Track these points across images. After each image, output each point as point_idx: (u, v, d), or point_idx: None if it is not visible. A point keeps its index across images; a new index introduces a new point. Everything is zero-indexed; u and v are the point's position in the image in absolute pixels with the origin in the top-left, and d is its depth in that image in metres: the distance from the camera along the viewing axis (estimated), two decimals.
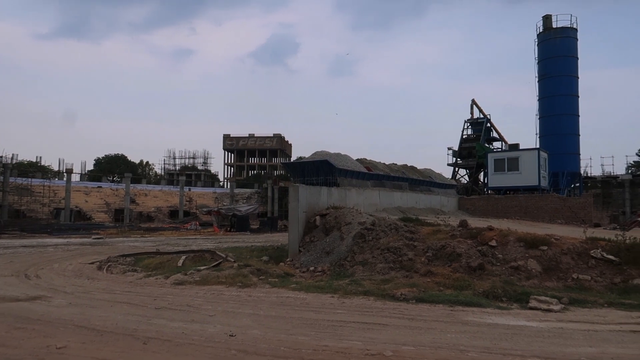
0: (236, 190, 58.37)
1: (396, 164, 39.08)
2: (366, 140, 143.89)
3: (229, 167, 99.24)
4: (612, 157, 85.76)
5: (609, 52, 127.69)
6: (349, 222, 14.58)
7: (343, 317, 7.77)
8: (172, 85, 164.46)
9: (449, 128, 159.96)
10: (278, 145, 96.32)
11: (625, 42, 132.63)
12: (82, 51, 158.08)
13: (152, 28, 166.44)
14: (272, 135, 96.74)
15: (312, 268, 12.89)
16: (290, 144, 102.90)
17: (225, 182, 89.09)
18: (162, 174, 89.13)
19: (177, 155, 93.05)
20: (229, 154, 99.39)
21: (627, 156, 76.59)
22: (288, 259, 14.36)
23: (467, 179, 47.55)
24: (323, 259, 13.34)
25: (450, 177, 48.24)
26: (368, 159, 35.91)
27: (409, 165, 40.92)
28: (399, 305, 8.78)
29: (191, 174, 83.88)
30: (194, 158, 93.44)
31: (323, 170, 25.69)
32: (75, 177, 51.29)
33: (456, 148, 47.13)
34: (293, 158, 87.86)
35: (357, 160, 33.47)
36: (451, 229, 13.36)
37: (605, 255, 10.38)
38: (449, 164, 48.19)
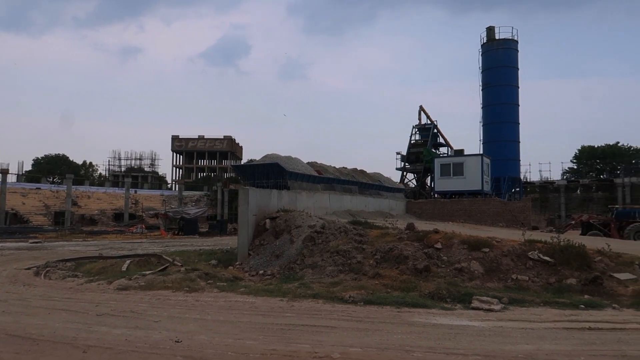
0: (185, 193, 57.11)
1: (346, 168, 39.50)
2: (317, 144, 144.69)
3: (178, 169, 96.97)
4: (549, 163, 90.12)
5: (545, 64, 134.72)
6: (299, 225, 14.60)
7: (292, 321, 7.76)
8: (118, 84, 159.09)
9: (398, 133, 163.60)
10: (228, 148, 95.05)
11: (560, 55, 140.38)
12: (20, 45, 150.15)
13: (97, 24, 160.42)
14: (222, 137, 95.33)
15: (261, 271, 12.81)
16: (241, 147, 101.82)
17: (174, 185, 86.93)
18: (107, 175, 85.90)
19: (122, 156, 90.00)
20: (178, 155, 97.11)
21: (562, 163, 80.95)
22: (237, 263, 14.20)
23: (415, 183, 48.74)
24: (273, 263, 13.29)
25: (398, 181, 49.26)
26: (319, 162, 36.11)
27: (359, 169, 41.45)
28: (348, 307, 8.87)
29: (137, 176, 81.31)
30: (140, 159, 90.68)
31: (274, 173, 25.61)
32: (11, 178, 48.48)
33: (405, 153, 48.21)
34: (244, 161, 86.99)
35: (308, 163, 33.58)
36: (399, 232, 13.65)
37: (541, 256, 10.91)
38: (397, 168, 49.25)
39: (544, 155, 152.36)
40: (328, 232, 13.86)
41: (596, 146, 63.87)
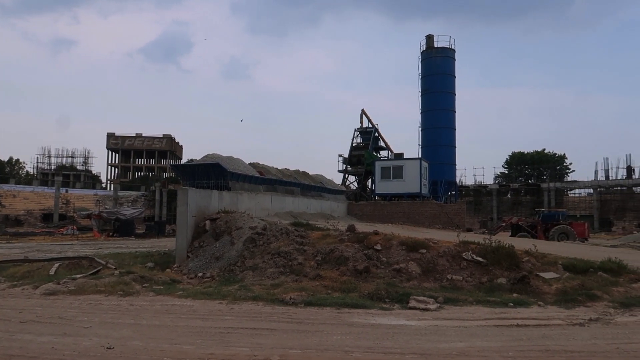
0: (120, 193, 54.89)
1: (289, 169, 39.44)
2: (260, 145, 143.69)
3: (113, 168, 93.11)
4: (483, 168, 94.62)
5: (480, 73, 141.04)
6: (240, 226, 14.43)
7: (231, 324, 7.65)
8: (49, 77, 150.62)
9: (340, 136, 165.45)
10: (168, 147, 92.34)
11: (493, 65, 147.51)
12: None
13: (27, 13, 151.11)
14: (161, 136, 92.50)
15: (200, 274, 12.53)
16: (181, 146, 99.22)
17: (109, 184, 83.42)
18: (35, 173, 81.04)
19: (52, 153, 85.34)
20: (113, 154, 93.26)
21: (494, 168, 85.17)
22: (175, 265, 13.82)
23: (356, 185, 49.44)
24: (212, 265, 13.04)
25: (340, 183, 49.78)
26: (261, 163, 35.80)
27: (301, 170, 41.48)
28: (288, 309, 8.85)
29: (69, 174, 77.35)
30: (72, 157, 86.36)
31: (214, 173, 25.10)
32: None
33: (346, 155, 48.76)
34: (184, 160, 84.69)
35: (250, 164, 33.21)
36: (340, 234, 13.79)
37: (474, 257, 11.39)
38: (339, 171, 49.71)
39: (478, 160, 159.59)
40: (269, 233, 13.78)
41: (525, 152, 67.55)
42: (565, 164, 66.69)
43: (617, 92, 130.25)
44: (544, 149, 67.32)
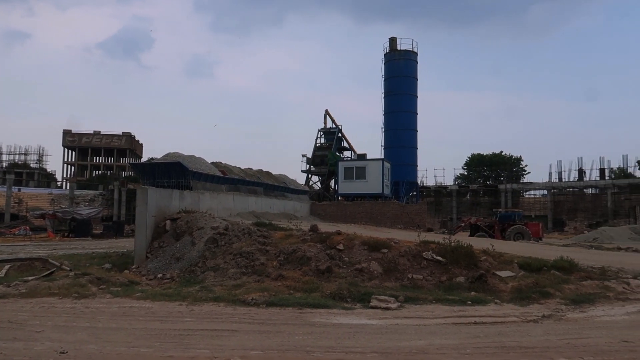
0: (77, 192, 53.06)
1: (252, 169, 39.15)
2: (222, 144, 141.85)
3: (69, 166, 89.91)
4: (444, 169, 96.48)
5: (441, 76, 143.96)
6: (202, 226, 14.22)
7: (191, 325, 7.52)
8: (1, 71, 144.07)
9: (304, 136, 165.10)
10: (127, 145, 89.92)
11: (454, 69, 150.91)
12: None
13: None
14: (120, 134, 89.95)
15: (160, 275, 12.28)
16: (142, 144, 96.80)
17: (64, 183, 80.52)
18: None
19: (4, 150, 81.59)
20: (70, 151, 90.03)
21: (454, 169, 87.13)
22: (134, 266, 13.49)
23: (320, 186, 49.57)
24: (173, 265, 12.81)
25: (304, 183, 49.80)
26: (223, 162, 35.41)
27: (264, 170, 41.25)
28: (250, 310, 8.78)
29: (22, 172, 74.19)
30: (25, 154, 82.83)
31: (175, 172, 24.64)
32: None
33: (310, 155, 48.80)
34: (144, 159, 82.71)
35: (212, 163, 32.78)
36: (302, 234, 13.80)
37: (434, 256, 11.61)
38: (302, 171, 49.71)
39: (439, 162, 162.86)
40: (231, 233, 13.63)
41: (484, 154, 69.40)
42: (521, 166, 68.91)
43: (570, 97, 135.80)
44: (502, 152, 69.37)
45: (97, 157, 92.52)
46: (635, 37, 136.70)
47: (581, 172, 54.87)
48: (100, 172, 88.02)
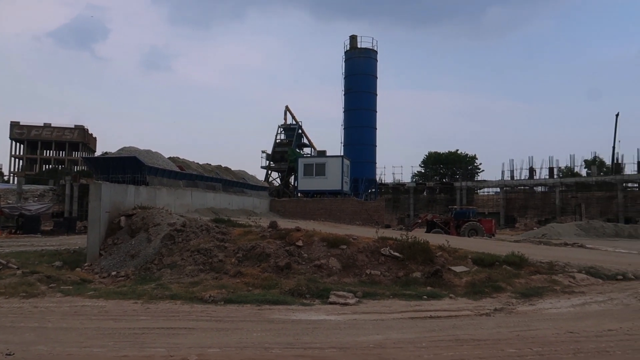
0: (25, 187, 50.73)
1: (210, 165, 38.67)
2: (180, 139, 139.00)
3: (17, 160, 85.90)
4: (402, 167, 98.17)
5: (400, 75, 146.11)
6: (158, 223, 13.93)
7: (146, 324, 7.36)
8: None
9: (264, 132, 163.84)
10: (80, 138, 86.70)
11: (414, 68, 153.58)
12: None
13: None
14: (73, 127, 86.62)
15: (114, 273, 11.95)
16: (95, 138, 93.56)
17: (12, 177, 76.86)
18: None
19: None
20: (18, 144, 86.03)
21: (412, 167, 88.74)
22: (86, 264, 13.07)
23: (279, 182, 49.43)
24: (127, 263, 12.49)
25: (263, 179, 49.55)
26: (181, 157, 34.83)
27: (223, 166, 40.85)
28: (207, 307, 8.67)
29: None
30: None
31: (131, 167, 24.00)
32: None
33: (270, 151, 48.58)
34: (98, 153, 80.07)
35: (170, 158, 32.18)
36: (262, 230, 13.73)
37: (392, 252, 11.81)
38: (262, 167, 49.44)
39: (397, 159, 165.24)
40: (189, 230, 13.41)
41: (441, 153, 70.98)
42: (476, 164, 70.91)
43: (522, 98, 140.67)
44: (457, 150, 71.13)
45: (48, 151, 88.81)
46: (582, 41, 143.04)
47: (532, 170, 56.95)
48: (50, 166, 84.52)
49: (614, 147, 54.74)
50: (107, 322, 7.50)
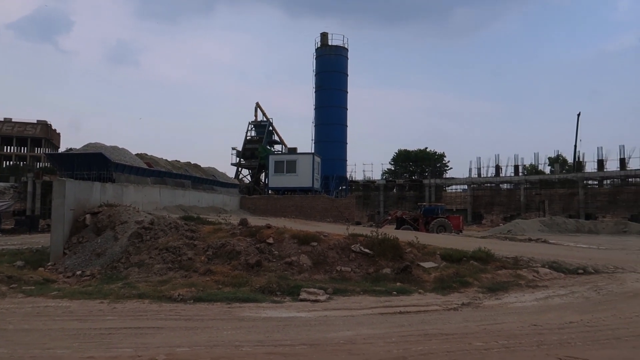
0: None
1: (179, 161, 38.14)
2: (148, 135, 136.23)
3: None
4: (372, 164, 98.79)
5: (370, 73, 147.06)
6: (125, 220, 13.63)
7: (113, 324, 7.20)
8: None
9: (234, 128, 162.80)
10: (43, 134, 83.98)
11: (384, 67, 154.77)
12: None
13: None
14: (35, 122, 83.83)
15: (79, 272, 11.64)
16: (59, 133, 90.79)
17: None
18: None
19: None
20: None
21: (382, 164, 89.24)
22: (50, 264, 12.68)
23: (250, 179, 49.13)
24: (93, 262, 12.19)
25: (233, 176, 49.15)
26: (149, 154, 34.22)
27: (192, 163, 40.35)
28: (177, 306, 8.55)
29: None
30: None
31: (97, 164, 23.41)
32: None
33: (240, 148, 48.21)
34: (62, 149, 77.73)
35: (137, 155, 31.58)
36: (232, 228, 13.62)
37: (362, 249, 11.90)
38: (232, 164, 49.03)
39: (367, 157, 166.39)
40: (157, 228, 13.18)
41: (410, 150, 71.91)
42: (444, 162, 72.21)
43: (488, 98, 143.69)
44: (427, 148, 72.22)
45: (8, 147, 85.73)
46: (546, 42, 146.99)
47: (498, 168, 58.32)
48: (11, 162, 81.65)
49: (575, 146, 56.65)
50: (72, 322, 7.31)
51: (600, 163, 52.42)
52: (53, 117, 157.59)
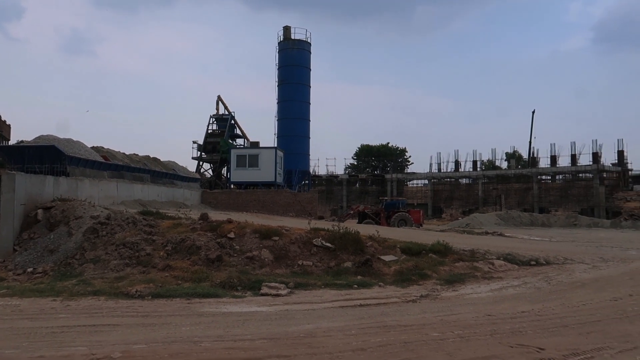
0: None
1: (138, 155, 37.19)
2: (104, 128, 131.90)
3: None
4: (335, 159, 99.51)
5: (333, 68, 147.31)
6: (80, 215, 13.22)
7: (66, 322, 6.98)
8: None
9: (195, 122, 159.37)
10: None
11: (346, 62, 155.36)
12: None
13: None
14: None
15: (30, 269, 11.21)
16: (9, 125, 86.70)
17: None
18: None
19: None
20: None
21: (345, 159, 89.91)
22: None
23: (211, 173, 48.45)
24: (46, 258, 11.77)
25: (195, 170, 48.33)
26: (106, 147, 33.21)
27: (151, 156, 39.41)
28: (134, 302, 8.38)
29: None
30: None
31: (49, 157, 22.50)
32: None
33: (201, 142, 47.43)
34: (12, 142, 74.50)
35: (93, 148, 30.58)
36: (192, 222, 13.43)
37: (324, 243, 11.96)
38: (193, 158, 48.16)
39: (330, 152, 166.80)
40: (114, 223, 12.84)
41: (372, 145, 72.62)
42: (406, 157, 73.31)
43: (448, 94, 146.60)
44: (389, 143, 73.10)
45: None
46: (504, 41, 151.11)
47: (457, 163, 59.70)
48: None
49: (530, 142, 58.51)
50: (22, 321, 7.04)
51: (553, 159, 54.44)
52: (3, 109, 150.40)
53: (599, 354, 5.59)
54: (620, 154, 52.07)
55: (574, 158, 52.93)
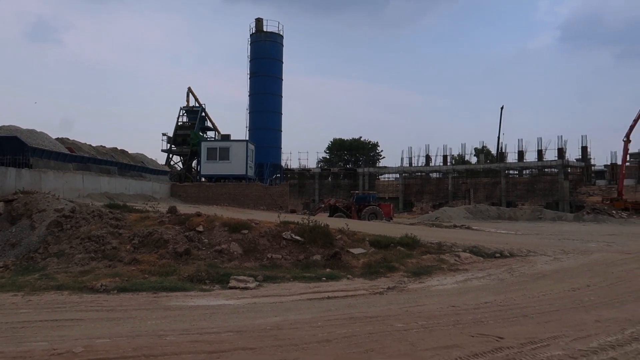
0: None
1: (105, 147, 36.39)
2: (70, 119, 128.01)
3: None
4: (307, 152, 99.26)
5: (306, 61, 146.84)
6: (43, 208, 12.92)
7: (27, 317, 6.83)
8: None
9: (165, 113, 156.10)
10: None
11: (319, 56, 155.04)
12: None
13: None
14: None
15: None
16: None
17: None
18: None
19: None
20: None
21: (317, 153, 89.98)
22: None
23: (181, 166, 47.83)
24: (7, 253, 11.50)
25: (164, 163, 47.60)
26: (71, 139, 32.38)
27: (119, 148, 38.60)
28: (99, 297, 8.25)
29: None
30: None
31: (11, 148, 21.78)
32: None
33: (171, 134, 46.75)
34: None
35: (58, 139, 29.75)
36: (160, 216, 13.28)
37: (293, 236, 12.00)
38: (163, 150, 47.44)
39: (302, 145, 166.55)
40: (79, 216, 12.59)
41: (345, 139, 72.91)
42: (377, 151, 73.88)
43: (419, 89, 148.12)
44: (361, 137, 73.51)
45: None
46: (474, 37, 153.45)
47: (428, 158, 60.51)
48: None
49: (498, 138, 59.74)
50: None
51: (521, 154, 55.75)
52: None
53: (554, 342, 5.80)
54: (584, 150, 53.72)
55: (540, 153, 54.30)
